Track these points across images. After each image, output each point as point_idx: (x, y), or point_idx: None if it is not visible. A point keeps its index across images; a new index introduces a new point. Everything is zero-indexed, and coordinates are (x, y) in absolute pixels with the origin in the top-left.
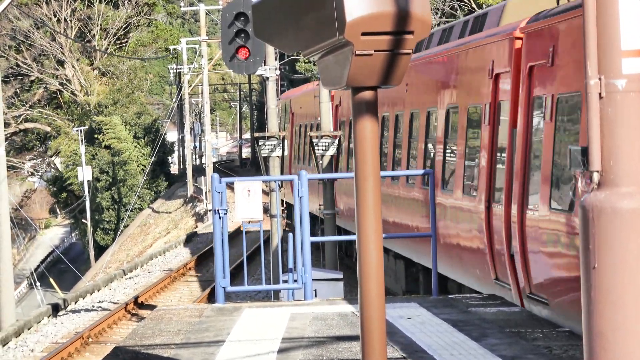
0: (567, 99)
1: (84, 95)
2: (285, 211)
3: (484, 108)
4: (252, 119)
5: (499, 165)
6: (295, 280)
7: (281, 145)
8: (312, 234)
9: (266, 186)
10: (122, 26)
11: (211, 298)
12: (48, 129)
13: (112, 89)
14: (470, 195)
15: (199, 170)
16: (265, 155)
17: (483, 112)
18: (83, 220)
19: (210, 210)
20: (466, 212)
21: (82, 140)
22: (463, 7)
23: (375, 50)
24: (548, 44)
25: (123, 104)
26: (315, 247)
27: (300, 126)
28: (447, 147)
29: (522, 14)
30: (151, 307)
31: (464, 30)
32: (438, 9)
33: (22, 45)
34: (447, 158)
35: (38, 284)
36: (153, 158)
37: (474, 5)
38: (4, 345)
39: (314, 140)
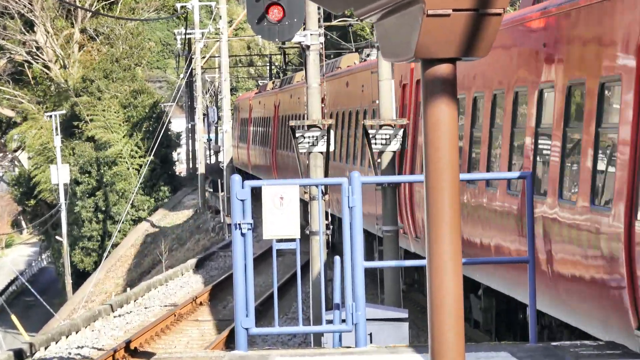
0: None
1: (60, 69)
2: (331, 226)
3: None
4: None
5: None
6: (344, 321)
7: (326, 137)
8: (369, 257)
9: (305, 191)
10: None
11: (230, 343)
12: (12, 113)
13: (105, 57)
14: (600, 209)
15: (215, 171)
16: (305, 150)
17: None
18: (57, 237)
19: (229, 225)
20: (592, 232)
21: (57, 130)
22: None
23: (454, 10)
24: None
25: (117, 78)
26: (371, 275)
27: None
28: (567, 140)
29: None
30: (148, 356)
31: None
32: None
33: None
34: (567, 156)
35: None
36: (152, 154)
37: None
38: None
39: (370, 132)
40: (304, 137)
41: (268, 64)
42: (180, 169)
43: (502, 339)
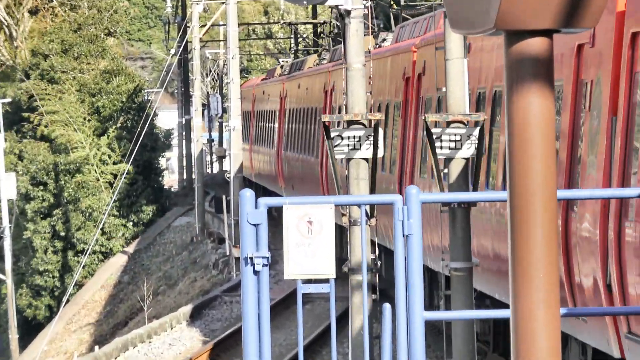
0: None
1: (5, 41)
2: (379, 262)
3: None
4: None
5: None
6: None
7: (373, 138)
8: (429, 305)
9: (343, 214)
10: None
11: None
12: None
13: (62, 23)
14: None
15: (218, 184)
16: (343, 156)
17: None
18: None
19: (237, 259)
20: None
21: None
22: None
23: None
24: None
25: (81, 54)
26: (434, 330)
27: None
28: None
29: None
30: None
31: None
32: None
33: None
34: None
35: None
36: (132, 160)
37: None
38: None
39: (433, 131)
40: (342, 138)
41: (292, 37)
42: (171, 180)
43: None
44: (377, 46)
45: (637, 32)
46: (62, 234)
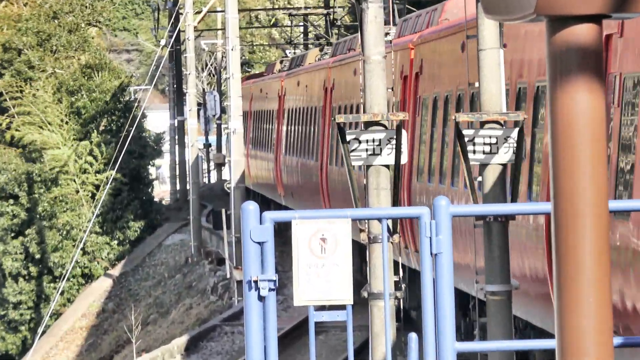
0: None
1: None
2: (403, 285)
3: None
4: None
5: None
6: None
7: (395, 141)
8: (461, 334)
9: (362, 229)
10: None
11: None
12: None
13: (37, 12)
14: None
15: (217, 196)
16: (360, 162)
17: None
18: None
19: (239, 282)
20: None
21: None
22: None
23: None
24: None
25: (60, 46)
26: None
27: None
28: None
29: None
30: None
31: None
32: None
33: None
34: None
35: None
36: (117, 168)
37: None
38: None
39: (465, 133)
40: (359, 142)
41: (301, 24)
42: (162, 192)
43: None
44: None
45: (610, 34)
46: (37, 256)
